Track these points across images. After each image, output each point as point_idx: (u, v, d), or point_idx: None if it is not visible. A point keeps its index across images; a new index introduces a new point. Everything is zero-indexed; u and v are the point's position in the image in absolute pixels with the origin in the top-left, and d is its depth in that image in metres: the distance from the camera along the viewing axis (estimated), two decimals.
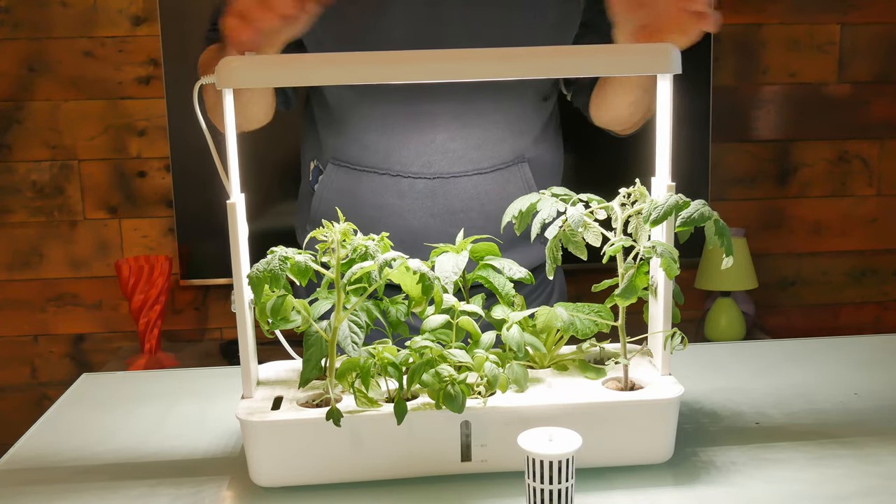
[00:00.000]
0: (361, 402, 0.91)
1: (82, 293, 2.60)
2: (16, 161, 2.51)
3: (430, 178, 1.23)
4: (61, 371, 2.63)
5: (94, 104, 2.50)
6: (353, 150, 1.25)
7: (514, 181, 1.26)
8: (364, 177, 1.25)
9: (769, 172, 2.72)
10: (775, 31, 2.63)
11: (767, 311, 2.77)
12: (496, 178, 1.25)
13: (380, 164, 1.24)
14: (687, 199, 0.91)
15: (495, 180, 1.25)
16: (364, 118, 1.23)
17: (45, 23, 2.45)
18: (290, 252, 0.90)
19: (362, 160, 1.25)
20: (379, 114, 1.22)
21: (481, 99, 1.22)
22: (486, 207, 1.25)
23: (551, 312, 0.96)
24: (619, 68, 0.96)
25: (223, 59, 0.89)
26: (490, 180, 1.25)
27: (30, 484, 0.96)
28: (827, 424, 1.06)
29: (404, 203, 1.24)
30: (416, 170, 1.23)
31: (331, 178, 1.28)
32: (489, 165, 1.25)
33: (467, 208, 1.24)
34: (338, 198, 1.27)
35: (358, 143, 1.25)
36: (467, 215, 1.24)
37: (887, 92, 2.71)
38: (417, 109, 1.21)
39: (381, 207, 1.24)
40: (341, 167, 1.27)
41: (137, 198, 2.56)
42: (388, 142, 1.23)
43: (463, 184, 1.24)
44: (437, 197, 1.23)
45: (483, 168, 1.24)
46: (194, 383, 1.26)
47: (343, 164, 1.27)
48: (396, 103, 1.21)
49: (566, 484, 0.81)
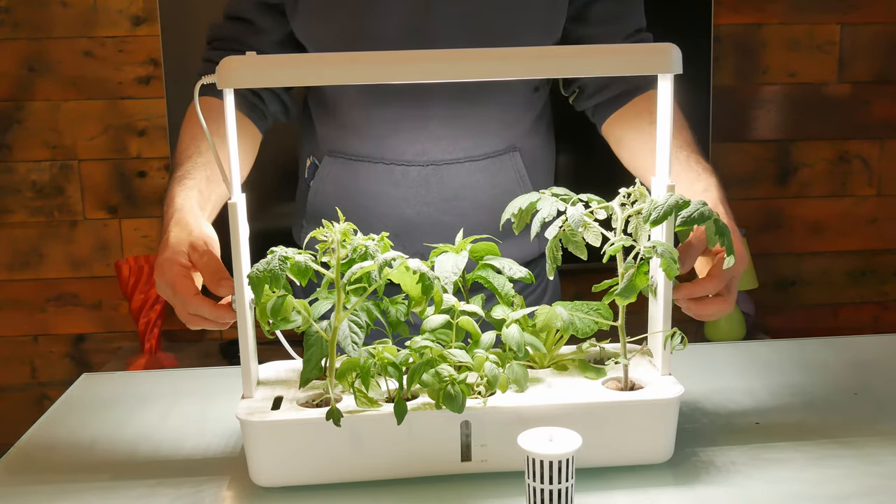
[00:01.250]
0: (361, 402, 0.91)
1: (82, 293, 2.60)
2: (16, 161, 2.51)
3: (423, 166, 1.24)
4: (61, 371, 2.62)
5: (94, 104, 2.50)
6: (348, 139, 1.27)
7: (505, 170, 1.27)
8: (359, 167, 1.26)
9: (769, 172, 2.72)
10: (775, 31, 2.63)
11: (767, 311, 2.77)
12: (488, 166, 1.26)
13: (374, 153, 1.25)
14: (687, 199, 0.91)
15: (487, 168, 1.26)
16: (357, 105, 1.24)
17: (45, 23, 2.45)
18: (290, 252, 0.90)
19: (358, 150, 1.26)
20: (372, 102, 1.23)
21: (472, 87, 1.22)
22: (477, 196, 1.25)
23: (551, 312, 0.96)
24: (619, 68, 0.96)
25: (224, 59, 0.89)
26: (482, 168, 1.26)
27: (30, 484, 0.96)
28: (827, 424, 1.06)
29: (399, 192, 1.25)
30: (409, 157, 1.24)
31: (327, 170, 1.29)
32: (481, 154, 1.26)
33: (459, 196, 1.25)
34: (334, 189, 1.28)
35: (354, 133, 1.26)
36: (459, 203, 1.25)
37: (887, 92, 2.70)
38: (410, 97, 1.22)
39: (377, 197, 1.25)
40: (338, 159, 1.28)
41: (137, 198, 2.56)
42: (382, 129, 1.24)
43: (455, 171, 1.25)
44: (430, 185, 1.24)
45: (475, 156, 1.25)
46: (194, 383, 1.26)
47: (339, 156, 1.28)
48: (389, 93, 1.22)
49: (566, 484, 0.81)
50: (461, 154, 1.25)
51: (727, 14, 2.59)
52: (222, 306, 0.95)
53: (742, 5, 2.61)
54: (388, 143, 1.24)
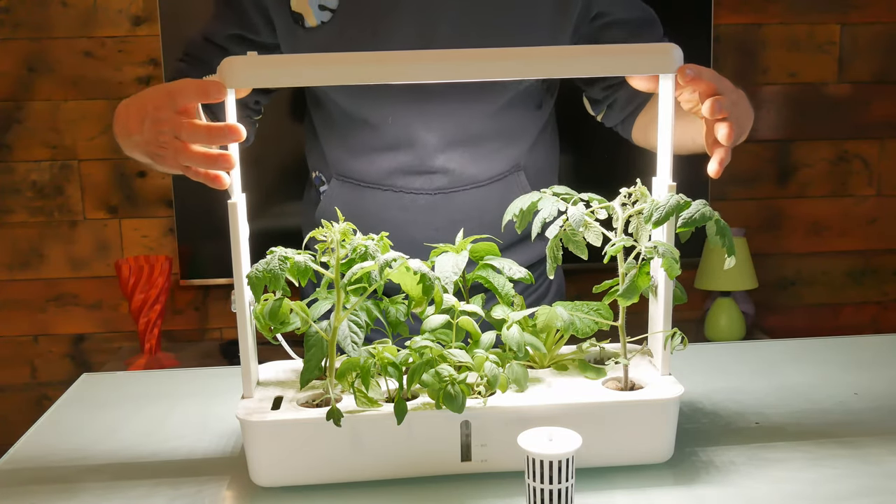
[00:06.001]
0: (361, 402, 0.91)
1: (82, 293, 2.59)
2: (16, 161, 2.51)
3: (431, 194, 1.25)
4: (61, 371, 2.62)
5: (94, 104, 2.50)
6: (355, 166, 1.28)
7: (511, 189, 1.28)
8: (367, 192, 1.27)
9: (769, 172, 2.72)
10: (775, 31, 2.63)
11: (767, 311, 2.77)
12: (494, 188, 1.28)
13: (382, 182, 1.26)
14: (688, 199, 0.91)
15: (494, 191, 1.27)
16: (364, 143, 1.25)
17: (45, 23, 2.45)
18: (289, 252, 0.90)
19: (364, 177, 1.27)
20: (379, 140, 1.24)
21: (473, 118, 1.23)
22: (485, 217, 1.26)
23: (551, 312, 0.96)
24: (621, 68, 0.96)
25: (226, 59, 0.89)
26: (488, 191, 1.27)
27: (30, 484, 0.96)
28: (827, 424, 1.06)
29: (407, 216, 1.26)
30: (416, 187, 1.25)
31: (334, 192, 1.30)
32: (486, 178, 1.27)
33: (468, 219, 1.26)
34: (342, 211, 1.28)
35: (360, 161, 1.27)
36: (467, 225, 1.25)
37: (887, 92, 2.70)
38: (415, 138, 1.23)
39: (385, 221, 1.26)
40: (345, 183, 1.29)
41: (137, 198, 2.56)
42: (389, 166, 1.25)
43: (463, 197, 1.26)
44: (438, 210, 1.25)
45: (481, 181, 1.27)
46: (194, 383, 1.26)
47: (347, 180, 1.29)
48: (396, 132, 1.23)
49: (566, 484, 0.81)
50: (468, 182, 1.26)
51: (727, 14, 2.59)
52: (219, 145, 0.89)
53: (742, 5, 2.61)
54: (394, 177, 1.25)
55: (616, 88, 1.27)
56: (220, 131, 0.88)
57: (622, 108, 1.27)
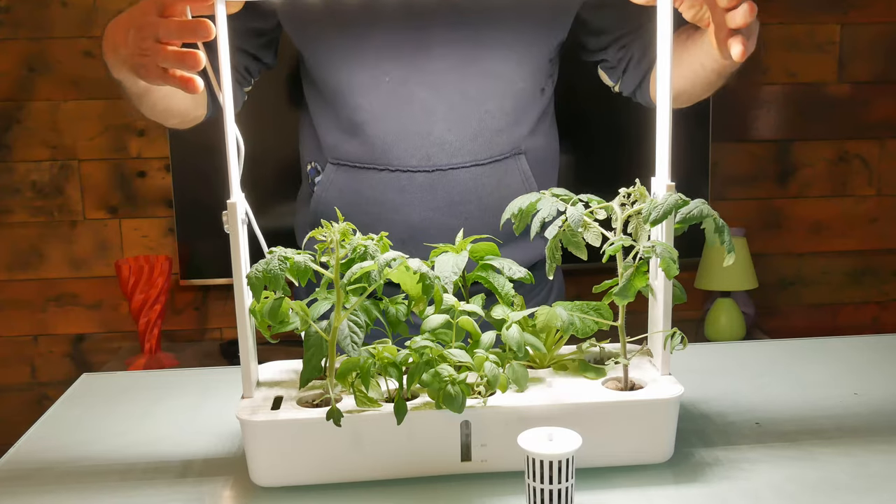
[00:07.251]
0: (361, 402, 0.91)
1: (82, 293, 2.60)
2: (16, 161, 2.51)
3: (429, 171, 1.24)
4: (61, 371, 2.62)
5: (94, 104, 2.50)
6: (351, 146, 1.26)
7: (511, 173, 1.27)
8: (364, 174, 1.26)
9: (769, 172, 2.72)
10: (775, 31, 2.63)
11: (767, 312, 2.77)
12: (494, 169, 1.26)
13: (379, 160, 1.24)
14: (687, 198, 0.91)
15: (493, 172, 1.26)
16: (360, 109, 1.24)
17: (45, 23, 2.45)
18: (289, 252, 0.90)
19: (362, 157, 1.25)
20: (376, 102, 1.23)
21: (476, 87, 1.23)
22: (483, 200, 1.25)
23: (551, 312, 0.96)
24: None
25: None
26: (488, 172, 1.26)
27: (30, 484, 0.96)
28: (827, 424, 1.06)
29: (404, 198, 1.24)
30: (414, 163, 1.23)
31: (330, 178, 1.28)
32: (486, 157, 1.26)
33: (466, 201, 1.25)
34: (338, 197, 1.27)
35: (356, 138, 1.25)
36: (466, 208, 1.25)
37: (887, 92, 2.70)
38: (413, 97, 1.22)
39: (382, 204, 1.25)
40: (341, 166, 1.27)
41: (137, 198, 2.56)
42: (386, 135, 1.23)
43: (461, 176, 1.25)
44: (436, 190, 1.24)
45: (481, 160, 1.25)
46: (194, 383, 1.26)
47: (342, 163, 1.27)
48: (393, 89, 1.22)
49: (566, 484, 0.81)
50: (467, 158, 1.24)
51: None
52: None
53: None
54: (394, 150, 1.23)
55: (629, 47, 1.28)
56: (191, 25, 0.92)
57: (636, 68, 1.28)
